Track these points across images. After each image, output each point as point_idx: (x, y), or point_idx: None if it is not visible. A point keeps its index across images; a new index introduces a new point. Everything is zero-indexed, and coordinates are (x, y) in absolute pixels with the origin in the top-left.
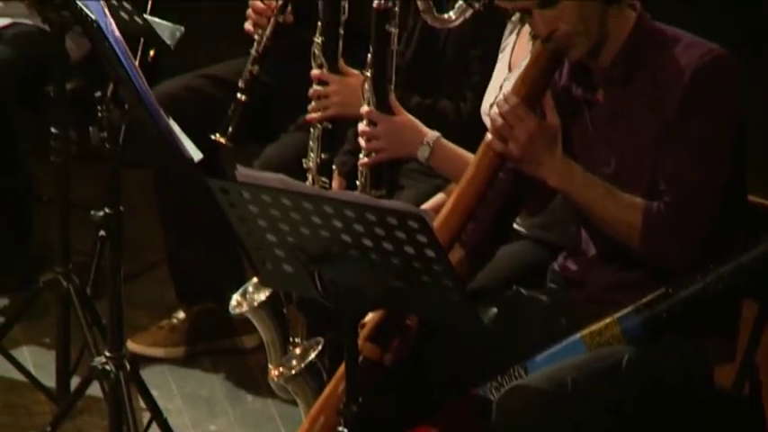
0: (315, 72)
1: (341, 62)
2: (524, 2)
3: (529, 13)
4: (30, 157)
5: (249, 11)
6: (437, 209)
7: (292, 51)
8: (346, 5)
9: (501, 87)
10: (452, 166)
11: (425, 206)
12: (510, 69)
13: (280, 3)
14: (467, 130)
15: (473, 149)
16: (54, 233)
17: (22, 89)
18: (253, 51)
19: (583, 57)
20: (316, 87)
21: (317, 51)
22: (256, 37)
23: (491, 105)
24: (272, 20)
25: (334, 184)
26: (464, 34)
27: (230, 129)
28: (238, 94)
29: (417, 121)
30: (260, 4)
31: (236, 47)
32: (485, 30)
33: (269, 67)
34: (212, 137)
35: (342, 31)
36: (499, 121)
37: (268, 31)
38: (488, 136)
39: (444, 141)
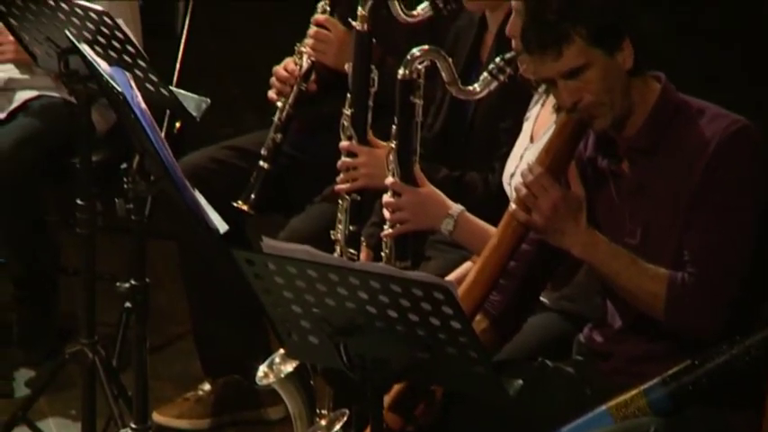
0: (344, 143)
1: (370, 134)
2: (549, 73)
3: (553, 84)
4: (56, 228)
5: (272, 79)
6: (462, 279)
7: (316, 123)
8: (376, 77)
9: (522, 157)
10: (476, 239)
11: (450, 277)
12: (532, 140)
13: (303, 71)
14: (495, 201)
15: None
16: (80, 304)
17: (48, 161)
18: (275, 119)
19: (607, 128)
20: (344, 159)
21: (345, 123)
22: (279, 105)
23: (512, 175)
24: (295, 88)
25: (362, 255)
26: (492, 106)
27: (252, 196)
28: (261, 162)
29: (441, 194)
30: (283, 72)
31: (262, 118)
32: (512, 102)
33: (293, 139)
34: (234, 204)
35: (371, 103)
36: (523, 190)
37: (291, 99)
38: (512, 206)
39: (468, 215)
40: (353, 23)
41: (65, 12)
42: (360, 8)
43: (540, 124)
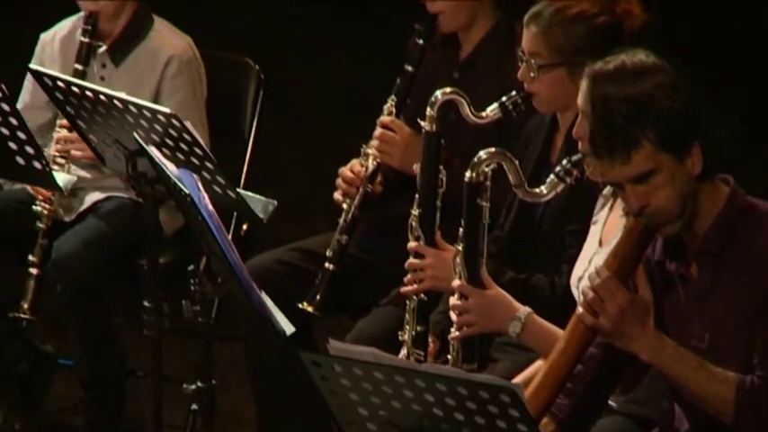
0: (411, 244)
1: (437, 235)
2: (617, 177)
3: (621, 188)
4: (123, 330)
5: (338, 180)
6: (529, 382)
7: (381, 225)
8: (444, 178)
9: (590, 261)
10: (543, 342)
11: (517, 379)
12: (601, 244)
13: (369, 172)
14: (562, 304)
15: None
16: (146, 407)
17: (116, 262)
18: (341, 221)
19: (675, 232)
20: (411, 260)
21: (413, 223)
22: (345, 206)
23: (579, 278)
24: (360, 189)
25: (430, 343)
26: (560, 208)
27: (318, 297)
28: (326, 263)
29: (509, 296)
30: (349, 174)
31: (329, 221)
32: (579, 204)
33: (359, 241)
34: (300, 305)
35: (439, 204)
36: (590, 294)
37: (357, 201)
38: (579, 309)
39: (536, 317)
40: (422, 124)
41: (133, 114)
42: (428, 109)
43: (609, 228)
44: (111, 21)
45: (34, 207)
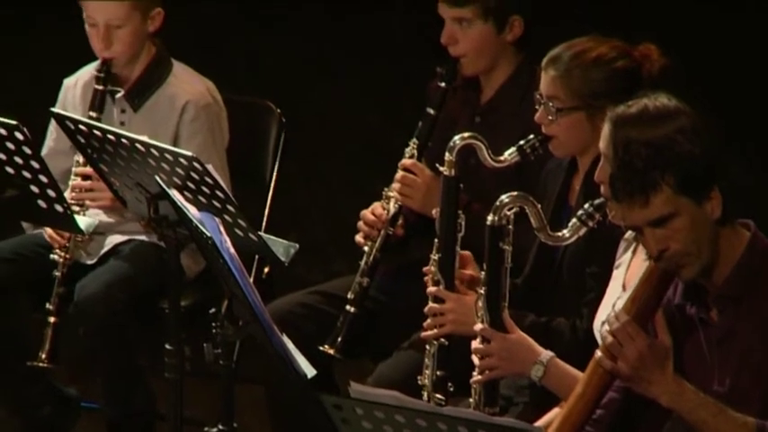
0: (431, 289)
1: (457, 280)
2: (636, 220)
3: (641, 232)
4: (145, 373)
5: (360, 223)
6: (550, 425)
7: (403, 268)
8: (463, 222)
9: (614, 305)
10: (565, 386)
11: (539, 423)
12: (624, 288)
13: (390, 215)
14: (583, 348)
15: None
16: None
17: (138, 304)
18: (362, 264)
19: (694, 277)
20: (431, 304)
21: (433, 268)
22: (366, 249)
23: (603, 323)
24: (382, 232)
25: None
26: (579, 251)
27: (339, 339)
28: (348, 306)
29: (531, 340)
30: (371, 217)
31: (350, 264)
32: (600, 247)
33: (380, 283)
34: (322, 348)
35: (458, 248)
36: (609, 338)
37: (378, 244)
38: (598, 353)
39: (558, 361)
40: (441, 168)
41: (155, 157)
42: (447, 153)
43: (632, 272)
44: (128, 66)
45: (51, 255)
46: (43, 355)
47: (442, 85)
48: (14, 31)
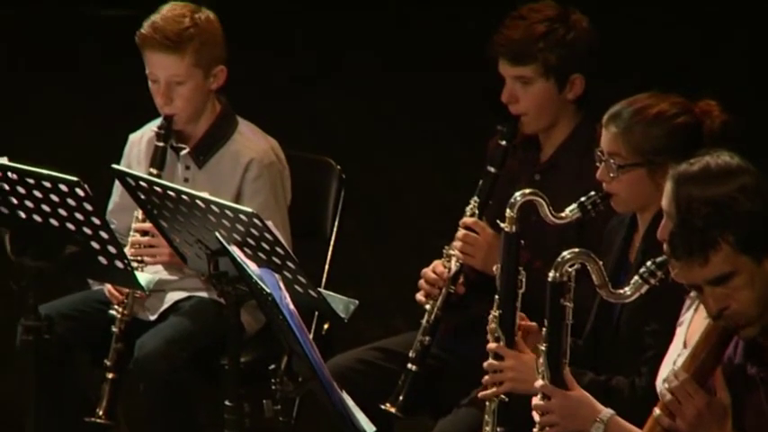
0: (491, 345)
1: (518, 337)
2: (695, 279)
3: (700, 290)
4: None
5: (421, 281)
6: None
7: (464, 325)
8: (523, 279)
9: (675, 363)
10: None
11: None
12: (685, 345)
13: (451, 273)
14: (642, 406)
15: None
16: None
17: (198, 361)
18: (424, 322)
19: (755, 335)
20: (491, 361)
21: (493, 325)
22: (427, 307)
23: (664, 380)
24: (443, 290)
25: None
26: (638, 308)
27: (400, 398)
28: (409, 364)
29: (591, 398)
30: (432, 275)
31: (410, 320)
32: (660, 305)
33: (441, 341)
34: (382, 406)
35: (518, 305)
36: (668, 396)
37: (439, 302)
38: (656, 411)
39: (618, 419)
40: (501, 225)
41: (215, 214)
42: (508, 210)
43: (693, 329)
44: (192, 123)
45: (110, 311)
46: (101, 412)
47: (503, 143)
48: (80, 87)
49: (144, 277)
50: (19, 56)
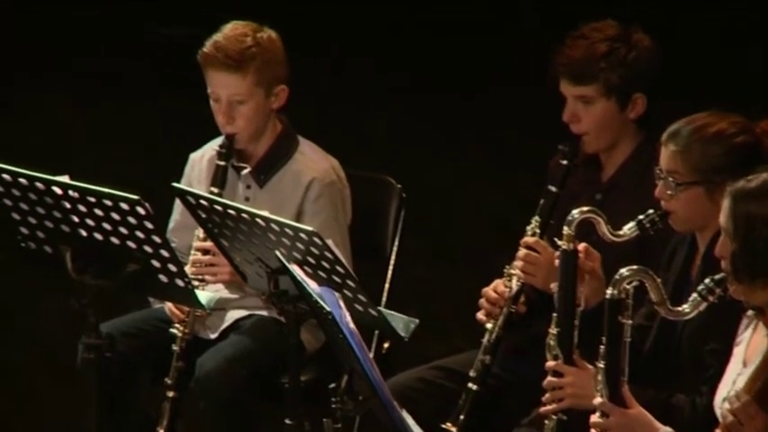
0: (550, 363)
1: (576, 354)
2: (758, 301)
3: (762, 312)
4: None
5: (482, 300)
6: None
7: (524, 344)
8: (582, 297)
9: (734, 382)
10: None
11: None
12: (745, 365)
13: (513, 293)
14: (702, 425)
15: None
16: None
17: (258, 379)
18: (484, 341)
19: None
20: (550, 378)
21: (551, 342)
22: (488, 326)
23: (724, 400)
24: (504, 310)
25: None
26: (699, 327)
27: (461, 417)
28: (469, 384)
29: (650, 416)
30: (493, 294)
31: (470, 339)
32: (720, 323)
33: (501, 360)
34: (443, 425)
35: (577, 323)
36: (729, 417)
37: (500, 322)
38: None
39: None
40: (559, 243)
41: (275, 232)
42: (565, 228)
43: (752, 349)
44: (254, 142)
45: (171, 330)
46: (161, 430)
47: (564, 162)
48: (140, 105)
49: (204, 296)
50: (80, 76)
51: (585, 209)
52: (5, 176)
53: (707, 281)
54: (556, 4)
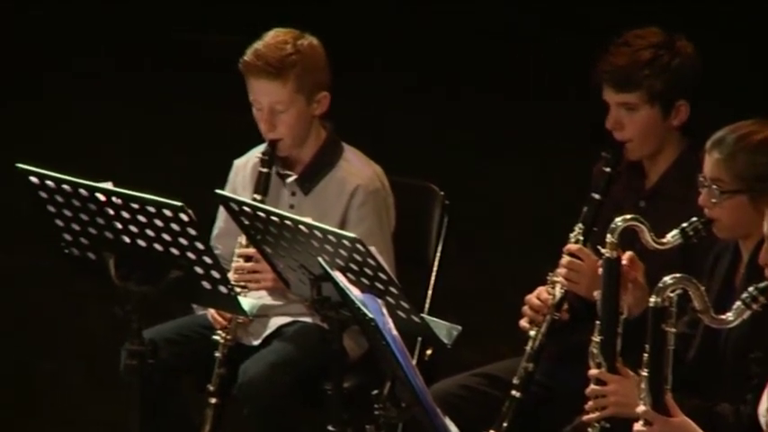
0: (593, 371)
1: (619, 362)
2: None
3: None
4: None
5: (525, 307)
6: None
7: (567, 352)
8: (625, 305)
9: None
10: None
11: None
12: None
13: (556, 300)
14: None
15: None
16: None
17: (301, 386)
18: (528, 348)
19: None
20: (593, 386)
21: (594, 350)
22: (532, 334)
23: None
24: (547, 317)
25: None
26: (743, 335)
27: (504, 425)
28: (513, 391)
29: (693, 424)
30: (536, 301)
31: (513, 346)
32: (764, 331)
33: (544, 367)
34: None
35: (620, 330)
36: None
37: (543, 329)
38: None
39: None
40: (602, 250)
41: (318, 239)
42: (608, 235)
43: None
44: (297, 149)
45: (213, 336)
46: None
47: (607, 169)
48: (182, 112)
49: (247, 302)
50: (124, 83)
51: (629, 217)
52: (49, 183)
53: (751, 289)
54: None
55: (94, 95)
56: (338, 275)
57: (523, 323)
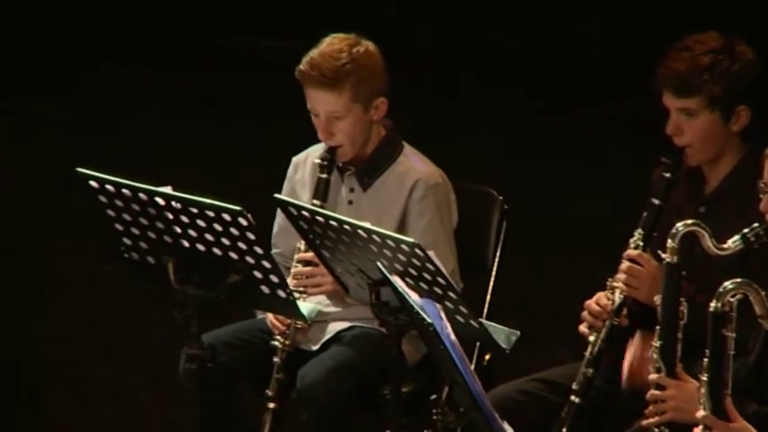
0: (653, 376)
1: (679, 367)
2: None
3: None
4: None
5: (584, 313)
6: None
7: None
8: (685, 310)
9: None
10: None
11: None
12: None
13: (615, 306)
14: None
15: None
16: None
17: (360, 390)
18: (587, 353)
19: None
20: (653, 391)
21: (654, 355)
22: (591, 339)
23: None
24: (607, 322)
25: None
26: None
27: (563, 430)
28: (572, 397)
29: (754, 429)
30: (595, 307)
31: (573, 352)
32: None
33: (604, 372)
34: None
35: (680, 336)
36: None
37: (603, 334)
38: None
39: None
40: (663, 255)
41: (377, 244)
42: (669, 240)
43: None
44: (355, 152)
45: (272, 341)
46: None
47: (667, 175)
48: (241, 117)
49: (306, 307)
50: (182, 87)
51: (690, 222)
52: (109, 187)
53: None
54: (657, 17)
55: (153, 99)
56: (396, 280)
57: (583, 328)
